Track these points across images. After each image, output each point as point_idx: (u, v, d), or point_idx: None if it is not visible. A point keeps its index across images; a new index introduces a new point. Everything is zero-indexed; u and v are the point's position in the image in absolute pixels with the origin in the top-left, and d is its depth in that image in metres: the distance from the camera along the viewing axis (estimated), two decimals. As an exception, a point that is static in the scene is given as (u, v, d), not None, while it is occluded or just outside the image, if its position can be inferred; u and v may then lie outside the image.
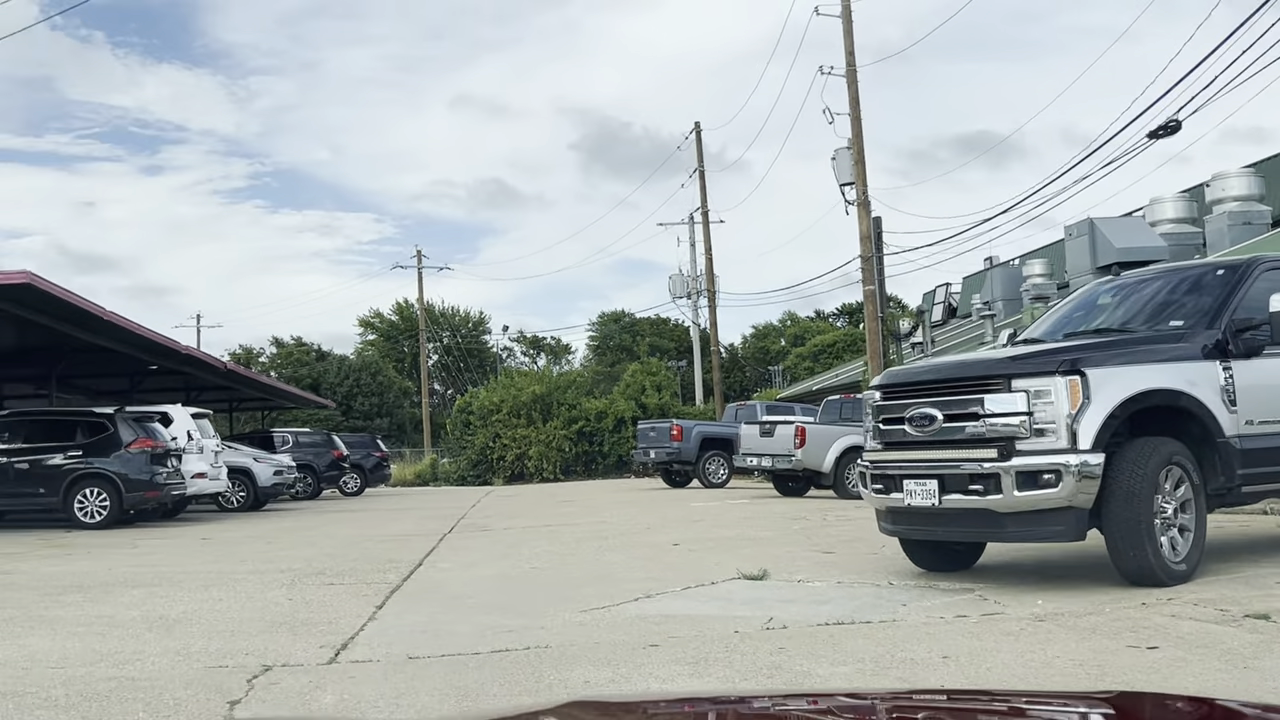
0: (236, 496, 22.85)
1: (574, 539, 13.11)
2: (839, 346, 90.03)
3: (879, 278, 31.63)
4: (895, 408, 7.85)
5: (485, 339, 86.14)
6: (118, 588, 9.31)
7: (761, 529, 13.40)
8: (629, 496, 23.94)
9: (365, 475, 33.52)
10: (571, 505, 21.26)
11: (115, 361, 23.19)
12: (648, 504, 20.31)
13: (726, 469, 26.15)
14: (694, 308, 50.99)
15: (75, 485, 16.58)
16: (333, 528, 16.85)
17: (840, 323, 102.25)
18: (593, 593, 8.35)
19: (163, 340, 20.44)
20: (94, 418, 17.21)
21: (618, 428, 43.99)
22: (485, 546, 12.70)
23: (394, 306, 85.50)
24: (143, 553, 12.70)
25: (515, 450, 43.77)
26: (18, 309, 16.09)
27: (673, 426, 25.99)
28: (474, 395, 46.41)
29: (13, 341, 20.42)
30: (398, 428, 75.74)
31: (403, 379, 79.91)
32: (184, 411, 19.61)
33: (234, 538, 14.98)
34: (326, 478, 30.05)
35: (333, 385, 73.89)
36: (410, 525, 17.21)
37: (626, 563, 10.34)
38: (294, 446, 29.68)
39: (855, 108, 31.13)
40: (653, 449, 26.51)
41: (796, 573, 9.00)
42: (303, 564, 11.14)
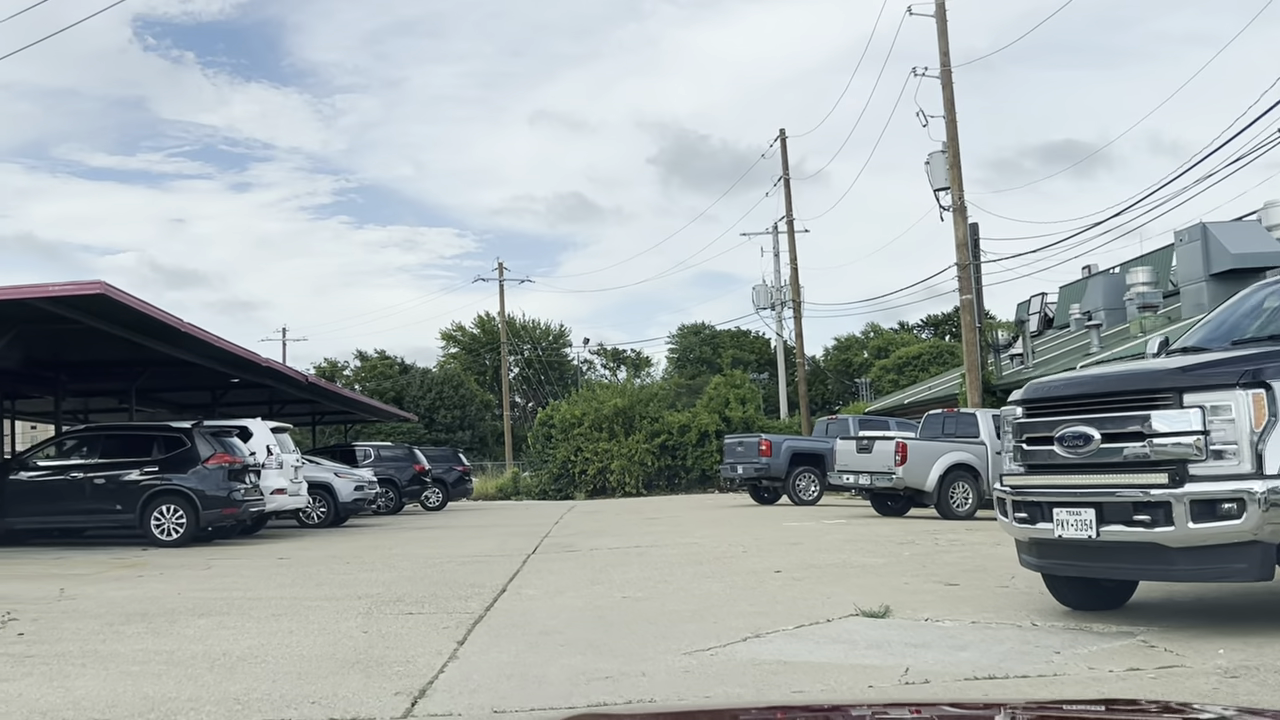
0: (317, 512, 22.42)
1: (666, 563, 12.28)
2: (924, 359, 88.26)
3: (976, 286, 30.39)
4: (1042, 425, 6.90)
5: (566, 352, 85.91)
6: (184, 616, 8.69)
7: (868, 554, 12.44)
8: (717, 514, 23.05)
9: (447, 490, 33.05)
10: (658, 523, 20.44)
11: (196, 375, 22.91)
12: (738, 523, 19.41)
13: (818, 486, 25.14)
14: (778, 319, 49.99)
15: (152, 502, 16.18)
16: (413, 547, 16.23)
17: (925, 334, 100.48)
18: (695, 630, 7.52)
19: (243, 353, 20.08)
20: (171, 432, 16.82)
21: (701, 441, 43.11)
22: (572, 570, 11.93)
23: (475, 319, 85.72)
24: (216, 574, 12.15)
25: (597, 464, 43.10)
26: (93, 320, 15.74)
27: (761, 441, 25.05)
28: (555, 408, 45.86)
29: (92, 355, 20.20)
30: (479, 441, 75.66)
31: (484, 392, 79.89)
32: (263, 425, 19.19)
33: (311, 557, 14.41)
34: (408, 492, 29.61)
35: (415, 398, 74.11)
36: (493, 544, 16.53)
37: (727, 593, 9.48)
38: (376, 460, 29.29)
39: (950, 110, 29.98)
40: (740, 464, 25.59)
41: (922, 609, 8.07)
42: (381, 589, 10.46)
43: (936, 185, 30.10)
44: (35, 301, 14.09)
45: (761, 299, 50.02)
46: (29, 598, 10.00)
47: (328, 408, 34.29)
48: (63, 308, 14.86)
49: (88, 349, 19.68)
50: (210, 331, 18.20)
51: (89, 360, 20.87)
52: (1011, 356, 33.14)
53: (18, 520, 16.41)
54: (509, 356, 63.13)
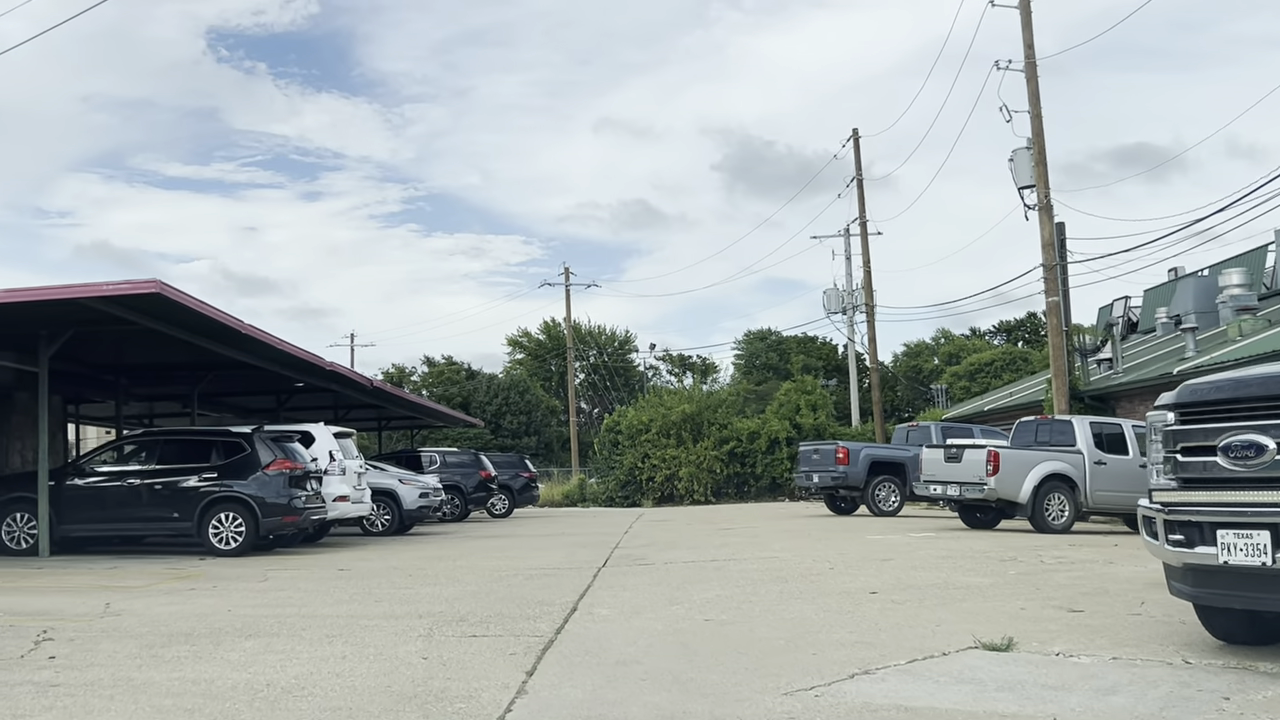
0: (381, 520, 21.84)
1: (747, 580, 11.40)
2: (997, 365, 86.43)
3: (1063, 288, 29.13)
4: (1202, 433, 5.94)
5: (631, 357, 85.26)
6: (230, 637, 8.00)
7: (970, 573, 11.46)
8: (793, 525, 22.09)
9: (513, 496, 32.43)
10: (732, 534, 19.55)
11: (260, 379, 22.49)
12: (818, 535, 18.45)
13: (898, 496, 24.09)
14: (849, 323, 48.85)
15: (210, 509, 15.63)
16: (478, 558, 15.52)
17: (998, 341, 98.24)
18: (791, 663, 6.66)
19: (305, 356, 19.55)
20: (230, 438, 16.28)
21: (771, 449, 42.10)
22: (647, 586, 11.10)
23: (541, 325, 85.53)
24: (271, 588, 11.49)
25: (664, 471, 42.26)
26: (151, 321, 15.24)
27: (838, 449, 24.06)
28: (622, 414, 45.10)
29: (153, 358, 19.81)
30: (545, 446, 75.28)
31: (549, 397, 79.52)
32: (326, 431, 18.61)
33: (372, 569, 13.74)
34: (474, 499, 29.02)
35: (481, 404, 74.01)
36: (560, 555, 15.77)
37: (821, 617, 8.59)
38: (441, 467, 28.72)
39: (1035, 104, 28.76)
40: (816, 472, 24.61)
41: (1049, 641, 7.13)
42: (443, 606, 9.72)
43: (1021, 183, 28.91)
44: (89, 301, 13.58)
45: (832, 303, 48.95)
46: (72, 613, 9.39)
47: (394, 413, 33.85)
48: (118, 308, 14.36)
49: (148, 352, 19.28)
50: (272, 334, 17.67)
51: (150, 363, 20.50)
52: (1099, 361, 31.75)
53: (74, 528, 15.94)
54: (575, 362, 62.52)
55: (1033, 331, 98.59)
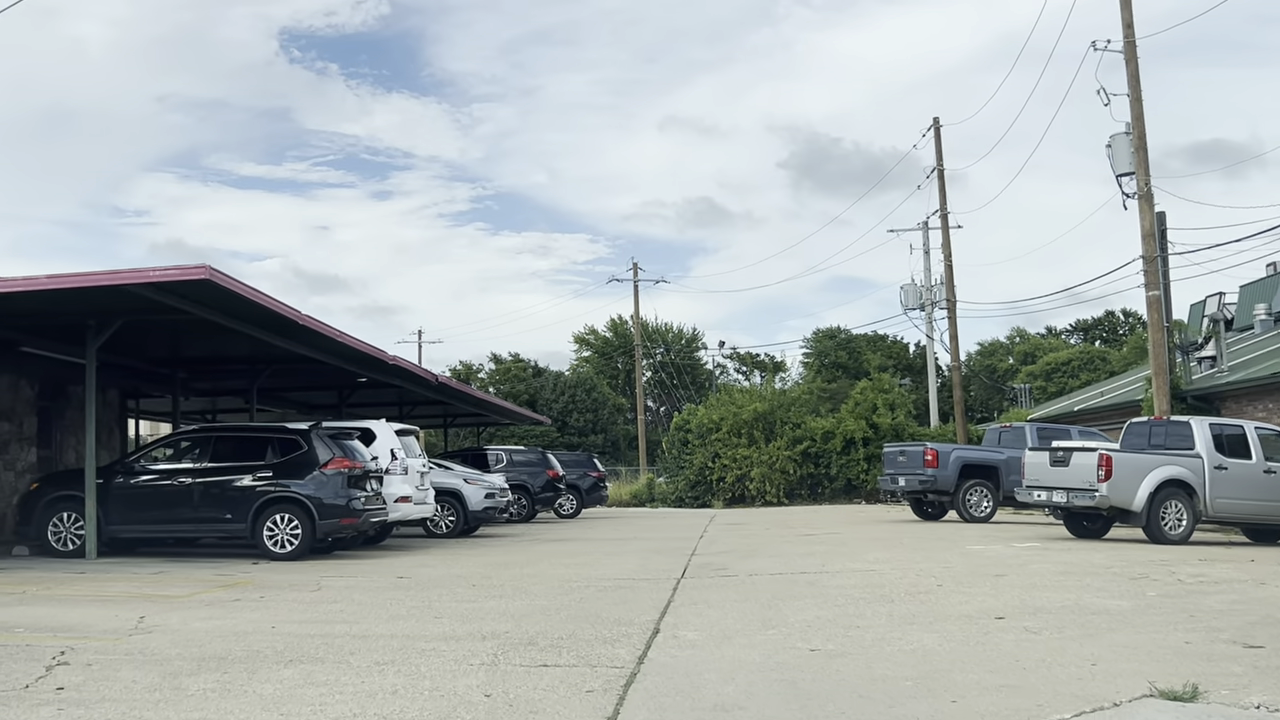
0: (445, 521, 20.89)
1: (847, 598, 10.20)
2: (1074, 365, 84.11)
3: (1164, 281, 27.44)
4: None
5: (698, 355, 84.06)
6: (268, 665, 6.99)
7: (1102, 593, 10.15)
8: (880, 531, 20.76)
9: (581, 497, 31.42)
10: (816, 540, 18.31)
11: (321, 374, 21.68)
12: (912, 544, 17.15)
13: (990, 501, 22.65)
14: (927, 320, 47.18)
15: (264, 510, 14.73)
16: (546, 565, 14.47)
17: (1074, 340, 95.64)
18: (929, 713, 5.48)
19: (367, 349, 18.66)
20: (286, 434, 15.37)
21: (846, 449, 40.67)
22: (735, 604, 9.96)
23: (608, 323, 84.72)
24: (322, 599, 10.51)
25: (735, 471, 41.03)
26: (204, 310, 14.38)
27: (926, 450, 22.68)
28: (691, 412, 43.92)
29: (210, 351, 19.04)
30: (611, 445, 74.49)
31: (616, 395, 78.67)
32: (387, 428, 17.68)
33: (434, 577, 12.74)
34: (541, 499, 28.05)
35: (548, 402, 73.40)
36: (634, 563, 14.67)
37: (947, 649, 7.37)
38: (508, 465, 27.79)
39: (1135, 86, 27.07)
40: (902, 475, 23.25)
41: (1241, 688, 5.87)
42: (510, 624, 8.65)
43: (1119, 170, 27.26)
44: (136, 288, 12.73)
45: (910, 299, 47.31)
46: (99, 629, 8.47)
47: (459, 410, 33.00)
48: (167, 295, 13.52)
49: (205, 344, 18.53)
50: (331, 325, 16.79)
51: (207, 357, 19.77)
52: (1200, 360, 29.96)
53: (123, 528, 15.12)
54: (642, 359, 61.48)
55: (1110, 330, 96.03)
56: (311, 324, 15.77)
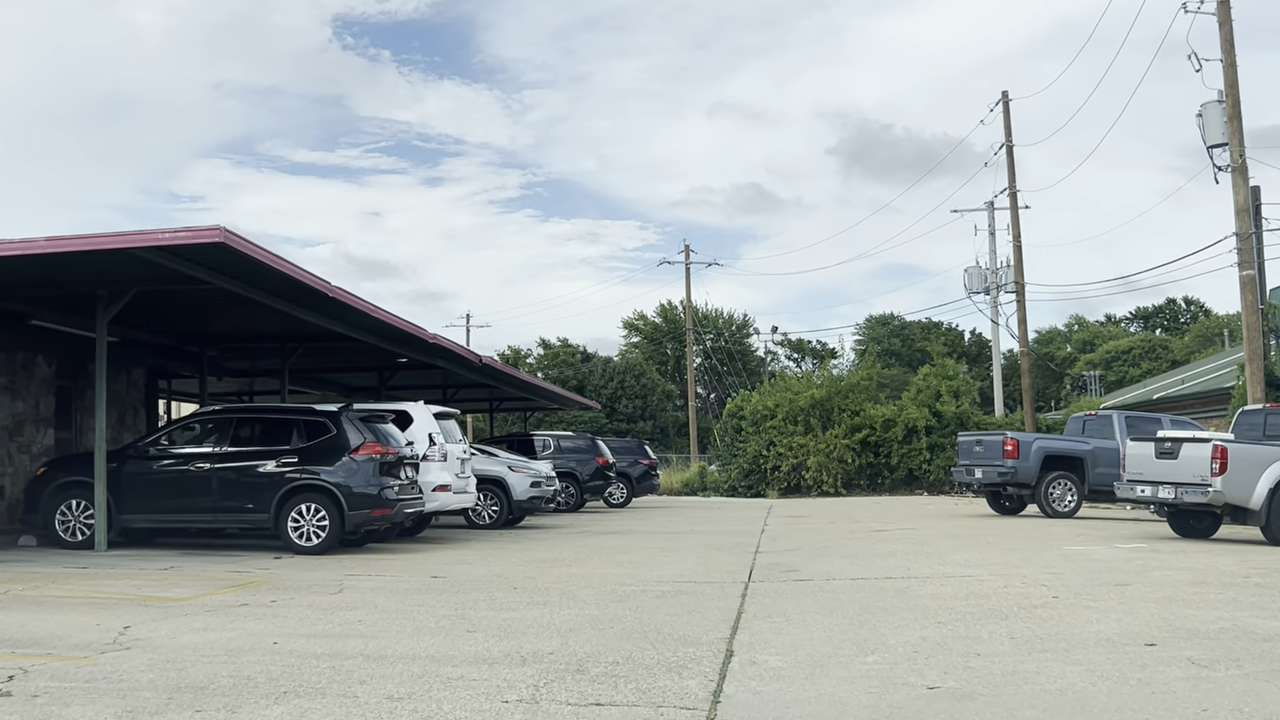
0: (489, 511, 19.58)
1: (950, 611, 8.68)
2: (1135, 354, 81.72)
3: (1259, 260, 25.54)
4: None
5: (749, 341, 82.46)
6: (254, 697, 5.63)
7: (1259, 611, 8.53)
8: (958, 526, 19.13)
9: (632, 485, 30.03)
10: (890, 537, 16.76)
11: (358, 353, 20.43)
12: (999, 542, 15.55)
13: (1075, 495, 20.94)
14: (993, 303, 45.25)
15: (289, 499, 13.45)
16: (596, 562, 13.07)
17: (1134, 328, 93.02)
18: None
19: (405, 326, 17.36)
20: (314, 416, 14.05)
21: (908, 438, 38.97)
22: (817, 616, 8.49)
23: (658, 308, 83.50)
24: (342, 604, 9.17)
25: (791, 460, 39.47)
26: (224, 280, 13.09)
27: (1006, 440, 20.98)
28: (745, 398, 42.35)
29: (238, 326, 17.81)
30: (660, 432, 73.38)
31: (665, 382, 77.44)
32: (425, 410, 16.35)
33: (471, 577, 11.38)
34: (590, 488, 26.68)
35: (597, 387, 72.46)
36: (693, 561, 13.24)
37: (1104, 691, 5.84)
38: (555, 452, 26.47)
39: (1229, 51, 25.19)
40: (979, 466, 21.58)
41: None
42: (555, 643, 7.25)
43: (1211, 141, 25.42)
44: (144, 252, 11.45)
45: (974, 282, 45.41)
46: (71, 642, 7.17)
47: (506, 393, 31.68)
48: (181, 262, 12.24)
49: (231, 319, 17.32)
50: (365, 299, 15.48)
51: (235, 333, 18.56)
52: (1295, 344, 28.00)
53: (136, 518, 13.90)
54: (692, 357, 59.86)
55: (1172, 319, 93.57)
56: (342, 296, 14.45)
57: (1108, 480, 20.80)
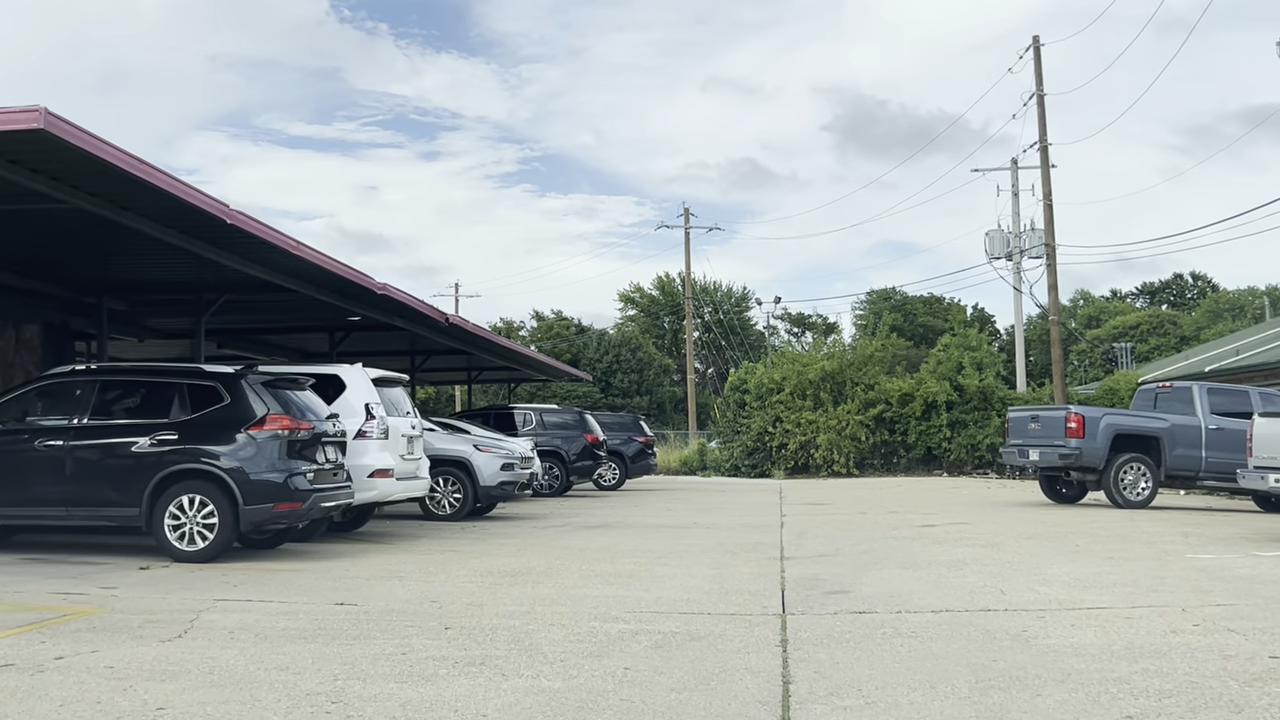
0: (449, 499, 16.27)
1: (1122, 686, 5.39)
2: (1143, 329, 79.07)
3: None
4: None
5: (749, 315, 79.18)
6: None
7: None
8: (1019, 520, 15.79)
9: (625, 465, 26.71)
10: (943, 535, 13.46)
11: (298, 307, 17.10)
12: (1092, 546, 12.24)
13: (1150, 481, 17.62)
14: (1016, 269, 41.93)
15: (165, 488, 10.08)
16: (573, 575, 9.77)
17: (1140, 303, 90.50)
18: None
19: (342, 271, 13.98)
20: (202, 380, 10.65)
21: (927, 414, 35.66)
22: (914, 694, 5.20)
23: (655, 281, 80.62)
24: (160, 668, 5.83)
25: (799, 437, 36.16)
26: (75, 195, 9.68)
27: (1070, 416, 17.63)
28: (749, 371, 38.98)
29: (140, 271, 14.35)
30: (657, 407, 70.58)
31: (663, 356, 74.45)
32: (361, 375, 12.97)
33: (393, 605, 8.05)
34: (577, 468, 23.34)
35: (592, 361, 69.79)
36: (702, 573, 9.95)
37: None
38: (538, 428, 23.17)
39: None
40: (1035, 447, 18.23)
41: None
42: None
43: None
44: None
45: (995, 246, 42.09)
46: None
47: (485, 362, 28.14)
48: (7, 166, 8.87)
49: (133, 262, 13.90)
50: (283, 232, 12.08)
51: (140, 280, 15.13)
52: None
53: (-40, 512, 10.56)
54: (692, 316, 56.44)
55: (1179, 294, 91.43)
56: (245, 224, 11.04)
57: (1187, 464, 17.56)
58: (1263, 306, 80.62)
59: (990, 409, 35.32)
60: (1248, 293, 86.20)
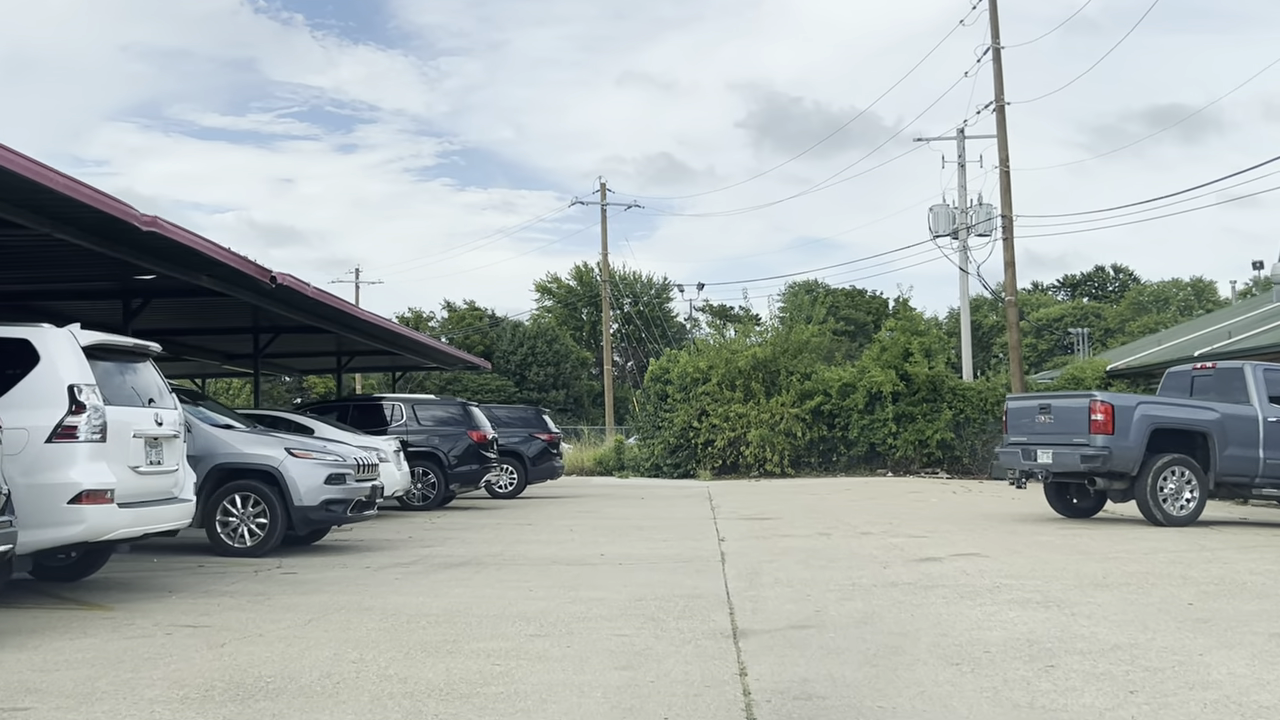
0: (249, 526, 11.50)
1: None
2: (1067, 321, 77.90)
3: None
4: None
5: (670, 307, 75.04)
6: None
7: None
8: (1040, 544, 11.52)
9: (525, 467, 22.16)
10: (955, 578, 9.18)
11: (57, 260, 12.32)
12: (1189, 593, 8.00)
13: (1196, 491, 13.53)
14: (962, 249, 38.19)
15: None
16: (372, 689, 5.25)
17: (1061, 296, 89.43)
18: None
19: (95, 200, 9.31)
20: None
21: (870, 406, 31.66)
22: None
23: (572, 270, 76.41)
24: None
25: (728, 433, 31.93)
26: None
27: (1095, 405, 13.42)
28: (672, 359, 34.60)
29: None
30: (574, 402, 66.63)
31: (580, 349, 70.25)
32: (68, 341, 8.22)
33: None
34: (459, 474, 18.64)
35: (506, 353, 65.70)
36: (607, 670, 5.55)
37: None
38: (410, 423, 18.53)
39: None
40: (1045, 446, 14.00)
41: None
42: None
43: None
44: None
45: (940, 223, 38.28)
46: None
47: (357, 344, 23.16)
48: None
49: None
50: None
51: None
52: None
53: None
54: (610, 310, 51.85)
55: (1100, 286, 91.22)
56: None
57: (1240, 467, 13.56)
58: (1187, 299, 79.78)
59: (940, 400, 31.49)
60: (1171, 284, 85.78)
